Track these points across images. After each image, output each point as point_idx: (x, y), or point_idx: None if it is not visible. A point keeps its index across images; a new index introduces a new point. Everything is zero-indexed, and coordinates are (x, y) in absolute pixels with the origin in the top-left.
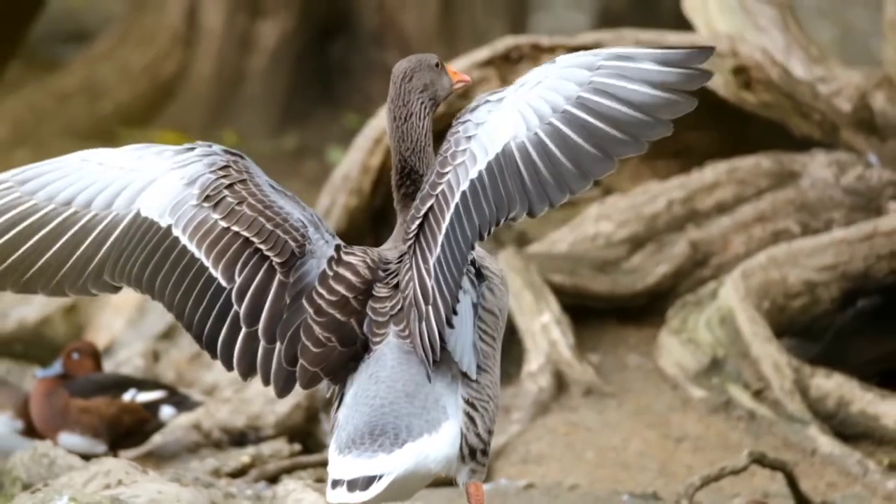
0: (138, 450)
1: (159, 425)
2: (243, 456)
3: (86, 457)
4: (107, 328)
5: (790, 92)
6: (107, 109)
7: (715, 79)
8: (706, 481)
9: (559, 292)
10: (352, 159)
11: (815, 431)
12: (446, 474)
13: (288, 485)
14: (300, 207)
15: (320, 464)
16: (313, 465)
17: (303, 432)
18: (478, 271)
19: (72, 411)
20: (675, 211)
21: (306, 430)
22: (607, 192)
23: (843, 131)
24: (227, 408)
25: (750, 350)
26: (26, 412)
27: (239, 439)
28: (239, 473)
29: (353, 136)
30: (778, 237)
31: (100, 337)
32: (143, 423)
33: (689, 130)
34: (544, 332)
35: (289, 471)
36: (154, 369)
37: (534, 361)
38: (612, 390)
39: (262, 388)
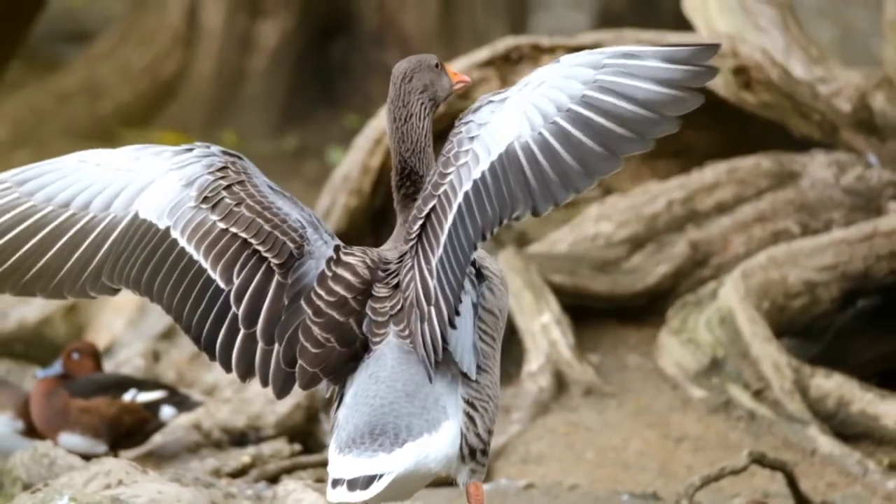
0: (138, 450)
1: (159, 425)
2: (243, 456)
3: (86, 457)
4: (107, 328)
5: (790, 92)
6: (107, 109)
7: (715, 79)
8: (706, 481)
9: (559, 292)
10: (352, 160)
11: (814, 431)
12: (446, 474)
13: (288, 485)
14: (299, 208)
15: (320, 464)
16: (313, 465)
17: (303, 432)
18: (478, 271)
19: (72, 411)
20: (675, 211)
21: (306, 430)
22: (607, 193)
23: (843, 131)
24: (228, 408)
25: (750, 350)
26: (26, 412)
27: (239, 439)
28: (239, 473)
29: (354, 137)
30: (778, 237)
31: (100, 337)
32: (143, 423)
33: (689, 130)
34: (544, 332)
35: (289, 471)
36: (154, 369)
37: (534, 361)
38: (612, 390)
39: (262, 388)
